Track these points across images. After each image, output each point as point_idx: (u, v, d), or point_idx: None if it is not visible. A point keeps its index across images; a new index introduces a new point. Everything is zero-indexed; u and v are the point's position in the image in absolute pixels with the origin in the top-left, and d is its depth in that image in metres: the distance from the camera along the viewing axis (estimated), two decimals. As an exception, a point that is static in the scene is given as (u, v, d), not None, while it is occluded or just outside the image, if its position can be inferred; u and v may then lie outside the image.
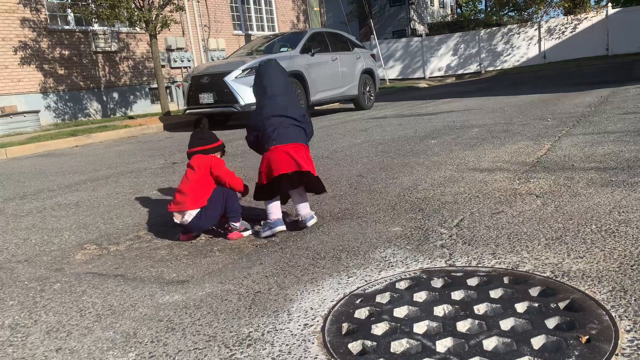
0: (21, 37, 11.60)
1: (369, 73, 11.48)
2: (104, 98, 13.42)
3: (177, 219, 2.79)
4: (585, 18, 21.24)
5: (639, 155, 3.56)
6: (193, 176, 2.79)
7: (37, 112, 10.95)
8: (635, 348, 1.37)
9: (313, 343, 1.58)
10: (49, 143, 8.50)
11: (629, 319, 1.51)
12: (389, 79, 21.75)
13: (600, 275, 1.82)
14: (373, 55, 12.43)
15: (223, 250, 2.62)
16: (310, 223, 2.77)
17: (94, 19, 12.17)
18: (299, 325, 1.69)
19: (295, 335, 1.64)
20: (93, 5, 11.24)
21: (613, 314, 1.54)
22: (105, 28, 13.07)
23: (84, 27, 12.82)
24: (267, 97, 2.81)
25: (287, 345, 1.58)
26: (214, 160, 2.85)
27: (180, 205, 2.76)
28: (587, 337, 1.43)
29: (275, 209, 2.74)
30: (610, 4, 22.31)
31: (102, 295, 2.13)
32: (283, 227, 2.72)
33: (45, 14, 12.07)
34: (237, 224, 2.82)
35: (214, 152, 2.93)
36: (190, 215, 2.74)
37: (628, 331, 1.45)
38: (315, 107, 10.60)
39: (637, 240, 2.09)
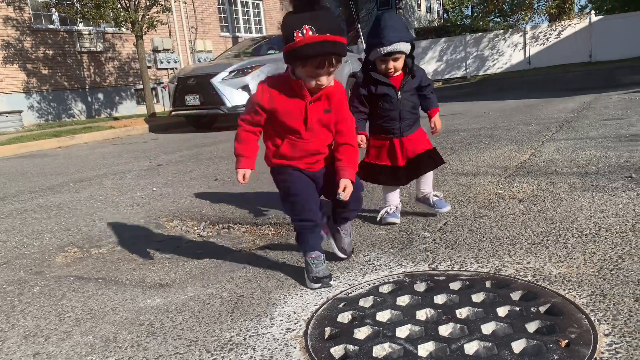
0: (4, 36, 11.43)
1: (355, 77, 11.50)
2: (89, 99, 13.27)
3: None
4: (569, 25, 21.54)
5: (620, 161, 3.62)
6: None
7: (19, 112, 10.79)
8: (613, 352, 1.39)
9: (295, 347, 1.57)
10: (32, 144, 8.38)
11: (607, 323, 1.53)
12: (376, 83, 21.79)
13: (581, 279, 1.84)
14: (360, 59, 12.46)
15: (206, 254, 2.60)
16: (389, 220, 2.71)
17: (79, 19, 12.03)
18: (282, 330, 1.69)
19: (278, 339, 1.63)
20: (78, 5, 11.12)
21: (592, 318, 1.56)
22: (91, 28, 12.94)
23: (68, 27, 12.67)
24: None
25: (269, 349, 1.57)
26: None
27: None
28: (566, 341, 1.44)
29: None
30: (593, 12, 22.64)
31: (82, 299, 2.10)
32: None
33: (29, 13, 11.91)
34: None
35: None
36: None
37: (607, 335, 1.47)
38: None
39: (617, 245, 2.12)
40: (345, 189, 1.93)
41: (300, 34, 1.72)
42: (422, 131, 2.70)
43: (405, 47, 2.42)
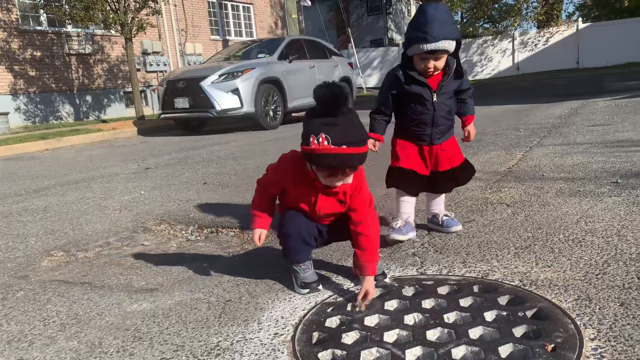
0: (-9, 37, 11.32)
1: (346, 81, 11.53)
2: (77, 101, 13.16)
3: None
4: (557, 32, 21.82)
5: (606, 166, 3.66)
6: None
7: (6, 114, 10.66)
8: (599, 356, 1.40)
9: (283, 352, 1.56)
10: (18, 146, 8.28)
11: (593, 327, 1.54)
12: (367, 88, 21.90)
13: (567, 284, 1.85)
14: (350, 64, 12.51)
15: (194, 258, 2.58)
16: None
17: (67, 21, 11.93)
18: (269, 335, 1.68)
19: (265, 344, 1.62)
20: (67, 7, 11.02)
21: (578, 323, 1.57)
22: (79, 30, 12.84)
23: (56, 28, 12.56)
24: None
25: (256, 354, 1.56)
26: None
27: None
28: (552, 345, 1.45)
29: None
30: (580, 19, 22.97)
31: (68, 303, 2.07)
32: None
33: (17, 14, 11.79)
34: None
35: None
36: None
37: (592, 339, 1.48)
38: (292, 114, 10.60)
39: (603, 249, 2.14)
40: (367, 295, 1.79)
41: (315, 141, 1.65)
42: (454, 141, 2.49)
43: (451, 45, 2.15)
